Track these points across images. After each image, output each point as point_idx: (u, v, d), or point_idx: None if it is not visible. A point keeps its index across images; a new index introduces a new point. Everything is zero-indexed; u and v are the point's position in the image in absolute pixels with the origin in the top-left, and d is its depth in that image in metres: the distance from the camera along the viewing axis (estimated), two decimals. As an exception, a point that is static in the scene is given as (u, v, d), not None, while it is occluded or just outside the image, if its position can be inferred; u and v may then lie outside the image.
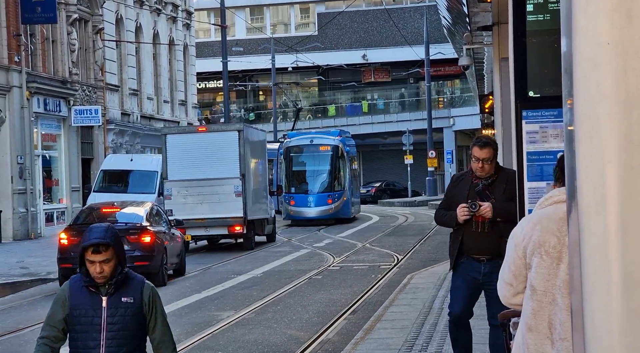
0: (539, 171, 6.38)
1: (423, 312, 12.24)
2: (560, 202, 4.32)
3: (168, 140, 25.16)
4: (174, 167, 24.80)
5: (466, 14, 17.93)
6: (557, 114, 6.25)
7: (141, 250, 17.49)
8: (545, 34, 6.19)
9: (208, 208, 24.34)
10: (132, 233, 17.61)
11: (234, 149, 24.73)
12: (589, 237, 2.18)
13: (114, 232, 4.87)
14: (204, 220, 24.32)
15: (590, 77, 2.19)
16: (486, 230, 7.73)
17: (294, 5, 66.84)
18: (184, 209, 24.05)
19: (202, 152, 24.78)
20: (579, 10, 2.22)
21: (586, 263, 2.19)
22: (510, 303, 4.51)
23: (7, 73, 28.78)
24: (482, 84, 34.45)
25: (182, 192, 24.59)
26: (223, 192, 24.52)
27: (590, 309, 2.18)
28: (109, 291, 4.89)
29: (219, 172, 24.57)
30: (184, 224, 23.63)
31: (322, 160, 36.40)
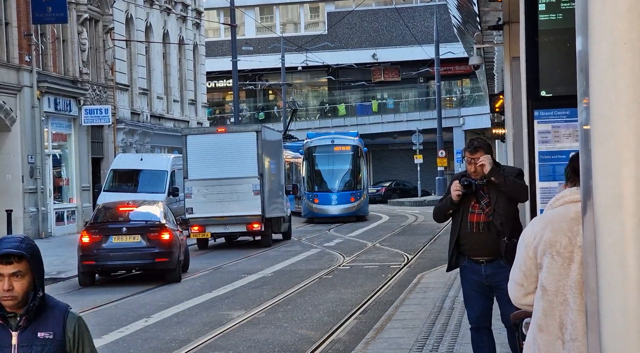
0: (551, 171, 6.37)
1: (434, 312, 12.23)
2: (571, 202, 4.31)
3: (188, 140, 25.81)
4: (194, 166, 25.43)
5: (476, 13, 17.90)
6: (570, 113, 6.24)
7: (161, 247, 17.83)
8: (557, 33, 6.18)
9: (227, 206, 25.03)
10: (152, 230, 18.03)
11: (252, 149, 25.41)
12: (605, 237, 2.17)
13: (32, 245, 3.76)
14: (223, 218, 25.02)
15: (606, 77, 2.19)
16: (481, 230, 7.61)
17: (304, 4, 66.84)
18: (203, 207, 24.90)
19: (221, 152, 25.48)
20: (595, 10, 2.21)
21: (602, 263, 2.18)
22: (521, 304, 4.50)
23: (18, 73, 28.86)
24: (492, 84, 34.39)
25: (202, 191, 25.22)
26: (242, 191, 25.17)
27: (607, 309, 2.18)
28: (20, 325, 3.74)
29: (238, 171, 25.23)
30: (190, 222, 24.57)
31: (344, 160, 38.07)
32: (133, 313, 14.12)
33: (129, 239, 17.97)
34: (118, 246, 17.84)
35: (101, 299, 15.88)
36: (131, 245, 17.90)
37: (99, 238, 17.91)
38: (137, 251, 17.88)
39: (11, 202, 28.23)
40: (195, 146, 25.63)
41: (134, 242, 17.95)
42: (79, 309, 14.56)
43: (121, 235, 17.96)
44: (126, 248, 17.85)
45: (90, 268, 18.08)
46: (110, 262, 17.96)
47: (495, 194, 7.59)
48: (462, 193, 7.59)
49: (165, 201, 28.11)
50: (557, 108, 6.34)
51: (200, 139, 25.91)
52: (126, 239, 17.96)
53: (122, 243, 17.89)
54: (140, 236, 17.99)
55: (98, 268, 18.23)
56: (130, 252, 17.84)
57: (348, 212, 36.94)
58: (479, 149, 7.62)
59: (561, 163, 6.21)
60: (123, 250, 17.81)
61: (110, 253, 17.79)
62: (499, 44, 20.89)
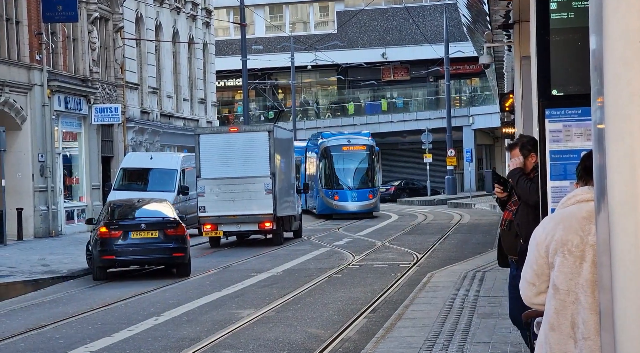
0: (562, 170, 6.35)
1: (444, 311, 12.22)
2: (583, 201, 4.30)
3: (201, 140, 26.05)
4: (206, 165, 25.73)
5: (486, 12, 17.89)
6: (581, 112, 6.23)
7: (178, 243, 18.72)
8: (569, 32, 6.16)
9: (239, 205, 25.34)
10: (170, 226, 18.85)
11: (265, 148, 25.67)
12: (620, 236, 2.17)
13: None
14: (236, 217, 25.36)
15: (621, 76, 2.19)
16: (505, 228, 7.66)
17: (314, 3, 66.84)
18: (216, 206, 25.25)
19: (233, 151, 25.76)
20: (609, 9, 2.21)
21: (617, 263, 2.18)
22: (533, 303, 4.49)
23: (29, 72, 28.94)
24: (502, 83, 34.34)
25: (215, 190, 25.50)
26: (254, 190, 25.48)
27: (621, 308, 2.18)
28: None
29: (250, 171, 25.51)
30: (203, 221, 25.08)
31: (361, 159, 40.07)
32: (143, 312, 14.14)
33: (147, 234, 18.67)
34: (137, 241, 18.57)
35: (111, 297, 15.92)
36: (149, 241, 18.64)
37: (118, 233, 18.53)
38: (155, 246, 18.62)
39: (22, 200, 28.31)
40: (208, 145, 25.90)
41: (152, 238, 18.67)
42: (89, 307, 14.61)
43: (140, 231, 18.65)
44: (145, 243, 18.60)
45: (110, 263, 18.66)
46: (130, 257, 18.63)
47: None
48: (505, 191, 7.81)
49: (176, 200, 28.25)
50: (568, 107, 6.33)
51: (212, 139, 26.19)
52: (145, 234, 18.66)
53: (141, 239, 18.61)
54: (158, 232, 18.69)
55: (117, 263, 18.76)
56: (148, 247, 18.59)
57: (366, 208, 39.01)
58: (514, 147, 7.74)
59: (572, 162, 6.19)
60: (142, 245, 18.55)
61: (130, 248, 18.48)
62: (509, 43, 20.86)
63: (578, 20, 6.13)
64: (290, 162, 29.10)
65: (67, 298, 16.23)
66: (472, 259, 19.61)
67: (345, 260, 21.34)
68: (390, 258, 21.53)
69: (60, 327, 13.04)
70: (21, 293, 17.29)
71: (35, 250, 24.42)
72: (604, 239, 2.31)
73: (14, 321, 13.80)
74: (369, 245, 24.97)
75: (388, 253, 22.89)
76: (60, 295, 16.71)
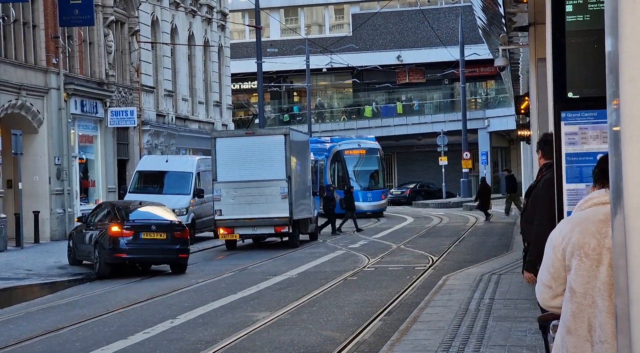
0: (578, 173, 6.33)
1: (459, 314, 12.20)
2: (599, 204, 4.29)
3: (217, 143, 26.21)
4: (223, 169, 25.93)
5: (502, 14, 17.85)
6: (597, 115, 6.21)
7: (184, 244, 20.07)
8: (585, 34, 6.15)
9: (256, 208, 25.60)
10: (177, 229, 20.10)
11: (281, 152, 25.85)
12: (636, 239, 2.17)
13: None
14: (252, 220, 25.62)
15: (637, 78, 2.18)
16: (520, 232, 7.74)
17: (329, 6, 66.87)
18: (232, 209, 25.53)
19: (250, 155, 25.92)
20: (625, 11, 2.20)
21: (633, 265, 2.18)
22: (549, 306, 4.47)
23: (46, 75, 29.08)
24: (518, 85, 34.25)
25: (231, 193, 25.73)
26: (270, 193, 25.68)
27: (637, 311, 2.17)
28: None
29: (266, 174, 25.72)
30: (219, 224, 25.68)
31: (372, 162, 43.19)
32: (159, 314, 14.17)
33: (156, 236, 19.74)
34: (147, 241, 19.63)
35: (127, 300, 15.96)
36: (158, 241, 19.71)
37: (129, 233, 19.51)
38: (163, 247, 19.77)
39: (38, 203, 28.44)
40: (224, 148, 26.05)
41: (160, 239, 19.75)
42: (105, 310, 14.66)
43: (150, 232, 19.70)
44: (154, 243, 19.69)
45: (121, 260, 19.66)
46: (139, 256, 19.76)
47: (533, 197, 7.61)
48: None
49: (190, 202, 28.31)
50: (584, 110, 6.31)
51: (229, 142, 26.28)
52: (154, 235, 19.73)
53: (150, 240, 19.66)
54: (167, 233, 19.78)
55: (127, 261, 19.77)
56: (157, 247, 19.73)
57: (379, 208, 42.13)
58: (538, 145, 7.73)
59: (588, 165, 6.18)
60: (151, 245, 19.65)
61: (140, 248, 19.54)
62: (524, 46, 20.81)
63: (594, 22, 6.11)
64: (306, 164, 29.22)
65: (84, 301, 16.29)
66: (487, 262, 19.56)
67: (360, 262, 21.33)
68: (406, 260, 21.51)
69: (76, 329, 13.09)
70: (38, 296, 17.37)
71: (51, 252, 24.52)
72: (620, 242, 2.31)
73: (31, 323, 13.86)
74: (384, 248, 24.95)
75: (403, 255, 22.87)
76: (77, 298, 16.76)
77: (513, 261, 18.85)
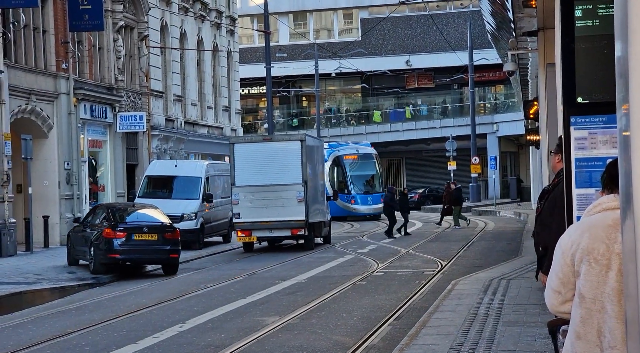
0: (588, 178, 6.33)
1: (468, 319, 12.18)
2: (608, 209, 4.29)
3: (236, 149, 26.95)
4: (241, 173, 26.67)
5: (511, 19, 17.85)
6: (607, 120, 6.21)
7: (175, 245, 21.00)
8: (594, 39, 6.15)
9: (273, 211, 26.32)
10: (168, 230, 21.05)
11: (297, 157, 26.61)
12: (646, 244, 2.17)
13: None
14: (269, 223, 26.38)
15: (646, 84, 2.18)
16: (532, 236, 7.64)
17: (337, 11, 66.91)
18: (250, 212, 26.25)
19: (267, 160, 26.72)
20: (635, 16, 2.21)
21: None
22: (558, 311, 4.47)
23: (55, 80, 29.17)
24: (527, 90, 34.22)
25: (249, 197, 26.45)
26: (287, 197, 26.43)
27: (647, 316, 2.17)
28: None
29: (283, 178, 26.46)
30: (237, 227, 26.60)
31: (370, 166, 44.84)
32: (168, 319, 14.19)
33: (148, 237, 20.70)
34: (139, 242, 20.59)
35: (136, 304, 15.99)
36: (150, 242, 20.68)
37: (122, 234, 20.46)
38: (155, 248, 20.74)
39: (48, 208, 28.51)
40: (242, 154, 26.75)
41: (152, 240, 20.72)
42: (115, 315, 14.69)
43: (142, 234, 20.65)
44: (145, 244, 20.63)
45: (115, 260, 20.63)
46: (132, 256, 20.75)
47: (547, 200, 7.55)
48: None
49: (200, 207, 28.35)
50: (593, 115, 6.31)
51: (247, 148, 27.00)
52: (146, 237, 20.68)
53: (143, 241, 20.63)
54: (158, 235, 20.74)
55: (120, 261, 20.73)
56: (149, 248, 20.68)
57: (378, 211, 43.27)
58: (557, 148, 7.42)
59: (598, 170, 6.17)
60: (143, 246, 20.61)
61: (133, 248, 20.52)
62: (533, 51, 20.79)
63: (603, 27, 6.12)
64: (320, 169, 29.90)
65: (93, 305, 16.32)
66: (496, 266, 19.54)
67: (369, 267, 21.33)
68: (415, 265, 21.50)
69: (86, 333, 13.12)
70: (48, 300, 17.41)
71: (61, 257, 24.56)
72: (630, 247, 2.31)
73: (40, 328, 13.90)
74: (393, 253, 24.94)
75: (412, 260, 22.85)
76: (86, 302, 16.80)
77: (522, 266, 18.83)
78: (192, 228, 27.85)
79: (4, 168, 25.63)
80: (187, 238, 27.71)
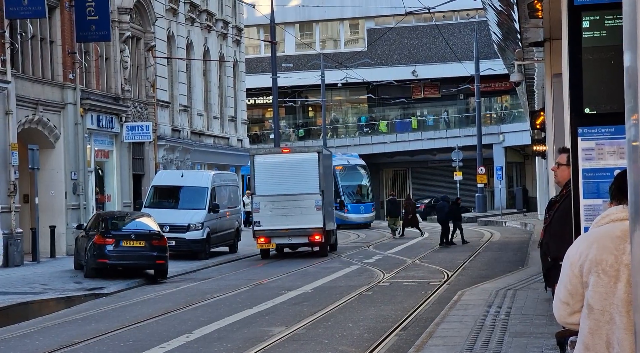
0: (595, 189, 6.32)
1: (475, 329, 12.16)
2: (617, 220, 4.29)
3: (256, 160, 28.31)
4: (261, 184, 27.98)
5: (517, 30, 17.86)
6: (614, 131, 6.20)
7: (161, 252, 22.03)
8: (601, 50, 6.15)
9: (292, 219, 27.64)
10: (155, 238, 22.09)
11: (314, 168, 28.00)
12: (656, 256, 2.17)
13: None
14: (288, 230, 27.70)
15: (656, 95, 2.18)
16: (538, 247, 7.62)
17: (344, 21, 67.00)
18: (270, 221, 27.55)
19: (286, 170, 28.07)
20: (644, 29, 2.21)
21: (652, 282, 2.18)
22: (567, 323, 4.46)
23: (62, 90, 29.24)
24: (533, 100, 34.20)
25: (269, 206, 27.73)
26: (305, 206, 27.74)
27: (657, 328, 2.17)
28: None
29: (302, 188, 27.79)
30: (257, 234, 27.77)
31: (360, 177, 47.05)
32: (174, 329, 14.19)
33: (135, 243, 21.84)
34: (126, 249, 21.78)
35: (143, 315, 15.99)
36: (137, 249, 21.82)
37: (111, 241, 21.70)
38: (141, 254, 21.84)
39: (54, 218, 28.55)
40: (262, 165, 28.07)
41: (139, 246, 21.87)
42: (121, 325, 14.69)
43: (130, 240, 21.82)
44: (133, 250, 21.79)
45: (104, 265, 21.82)
46: (120, 261, 21.93)
47: (557, 211, 7.50)
48: None
49: (206, 217, 28.36)
50: (601, 125, 6.31)
51: (266, 159, 28.41)
52: (133, 243, 21.84)
53: (130, 247, 21.81)
54: (145, 242, 21.86)
55: (108, 266, 21.90)
56: (136, 254, 21.81)
57: (370, 220, 46.18)
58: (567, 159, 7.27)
59: (605, 181, 6.17)
60: (130, 252, 21.78)
61: (121, 254, 21.74)
62: (539, 61, 20.80)
63: (611, 38, 6.12)
64: (330, 180, 31.18)
65: (100, 315, 16.32)
66: (503, 277, 19.50)
67: (375, 277, 21.31)
68: (421, 276, 21.47)
69: (92, 344, 13.11)
70: (54, 310, 17.42)
71: (67, 267, 24.59)
72: (639, 258, 2.31)
73: (47, 338, 13.90)
74: (399, 263, 24.91)
75: (418, 271, 22.83)
76: (93, 312, 16.80)
77: (529, 276, 18.79)
78: (199, 238, 27.86)
79: (11, 178, 25.68)
80: (194, 248, 27.75)
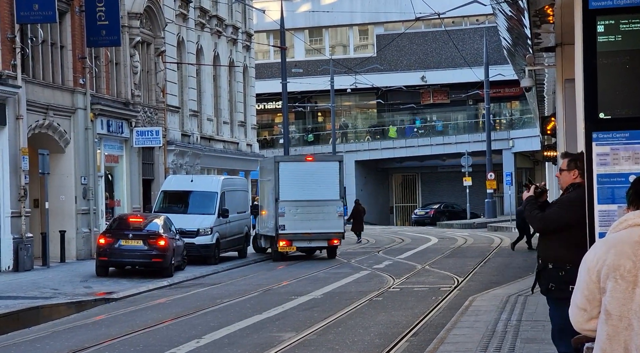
0: (610, 194, 6.29)
1: (486, 335, 12.12)
2: (635, 225, 4.26)
3: (280, 167, 29.48)
4: (285, 189, 29.16)
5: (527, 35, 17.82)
6: (629, 136, 6.17)
7: (158, 251, 23.13)
8: (616, 55, 6.13)
9: (314, 224, 28.95)
10: (152, 237, 23.22)
11: (336, 176, 29.40)
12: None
13: None
14: (310, 234, 29.05)
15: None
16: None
17: (353, 27, 67.04)
18: (293, 224, 28.89)
19: (309, 177, 29.40)
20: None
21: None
22: (584, 329, 4.43)
23: (73, 95, 29.29)
24: (543, 106, 34.13)
25: (293, 210, 29.00)
26: (327, 211, 29.12)
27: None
28: None
29: (324, 194, 29.16)
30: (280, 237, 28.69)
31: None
32: (184, 334, 14.17)
33: (133, 243, 23.15)
34: (125, 247, 23.10)
35: (153, 320, 15.98)
36: (135, 247, 23.12)
37: (111, 240, 23.14)
38: (139, 253, 23.15)
39: (64, 223, 28.58)
40: (287, 171, 29.33)
41: (137, 245, 23.15)
42: (131, 330, 14.68)
43: (128, 240, 23.14)
44: (131, 250, 23.11)
45: (105, 263, 23.32)
46: (119, 260, 23.29)
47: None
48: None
49: (216, 222, 28.36)
50: (615, 130, 6.27)
51: (290, 166, 29.76)
52: (131, 243, 23.14)
53: (128, 246, 23.13)
54: (142, 241, 23.13)
55: (109, 263, 23.33)
56: (133, 253, 23.14)
57: None
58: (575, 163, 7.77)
59: (620, 186, 6.14)
60: (128, 250, 23.09)
61: (119, 253, 23.09)
62: (550, 66, 20.75)
63: (626, 43, 6.10)
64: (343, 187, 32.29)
65: (110, 320, 16.32)
66: (513, 283, 19.45)
67: (385, 283, 21.27)
68: (431, 281, 21.42)
69: (102, 348, 13.11)
70: (64, 315, 17.42)
71: (77, 271, 24.62)
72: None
73: (57, 342, 13.90)
74: (409, 268, 24.87)
75: (429, 276, 22.78)
76: (103, 317, 16.80)
77: (540, 282, 18.71)
78: (208, 243, 27.85)
79: (21, 182, 25.73)
80: (203, 253, 27.73)
